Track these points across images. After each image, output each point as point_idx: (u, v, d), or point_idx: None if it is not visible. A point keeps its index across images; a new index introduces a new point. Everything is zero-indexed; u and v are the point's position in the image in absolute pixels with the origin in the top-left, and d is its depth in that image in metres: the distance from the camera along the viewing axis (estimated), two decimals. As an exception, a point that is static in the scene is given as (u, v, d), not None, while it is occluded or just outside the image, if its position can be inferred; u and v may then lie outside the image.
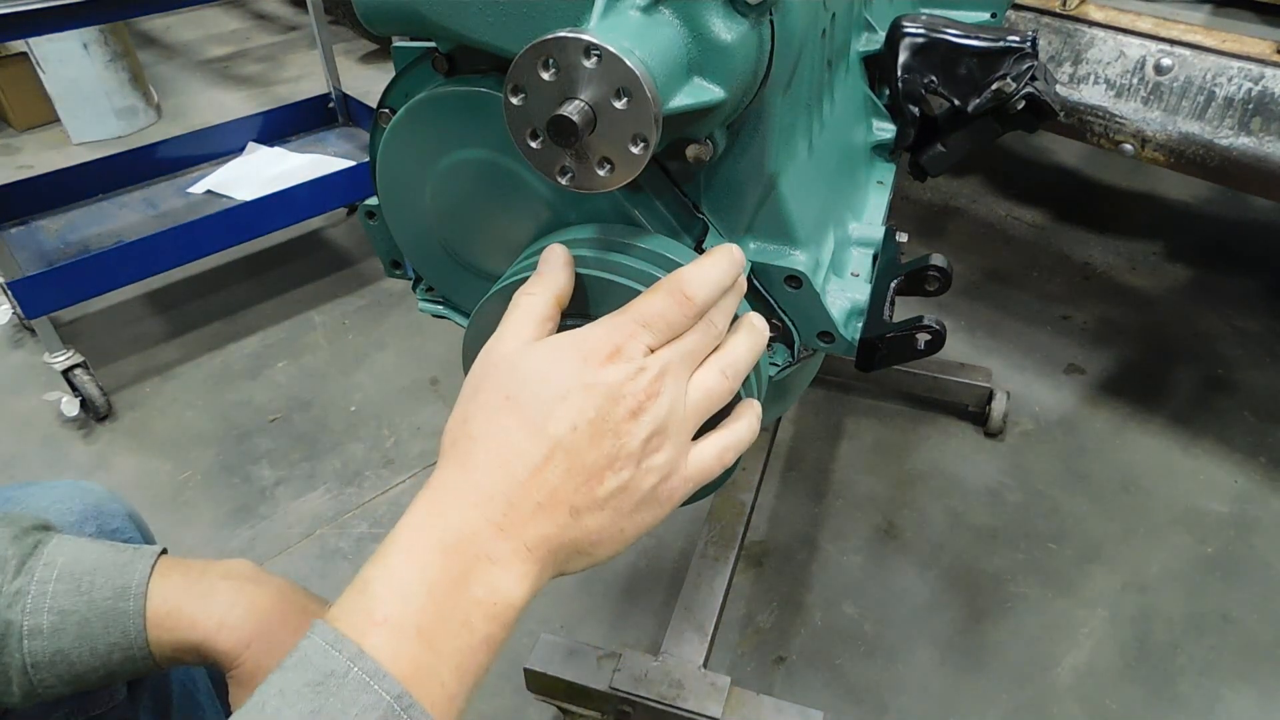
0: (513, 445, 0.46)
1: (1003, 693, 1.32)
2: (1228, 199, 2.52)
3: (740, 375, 0.53)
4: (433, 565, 0.43)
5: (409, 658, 0.41)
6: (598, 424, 0.46)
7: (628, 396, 0.47)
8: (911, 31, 0.87)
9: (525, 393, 0.47)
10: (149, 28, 4.03)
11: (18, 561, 0.55)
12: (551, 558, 0.47)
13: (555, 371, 0.47)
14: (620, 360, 0.48)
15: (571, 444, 0.46)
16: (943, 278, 0.74)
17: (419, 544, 0.44)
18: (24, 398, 1.89)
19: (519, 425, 0.46)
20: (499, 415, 0.47)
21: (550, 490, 0.46)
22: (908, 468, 1.69)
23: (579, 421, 0.46)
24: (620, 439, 0.47)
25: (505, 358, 0.49)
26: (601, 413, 0.46)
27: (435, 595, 0.43)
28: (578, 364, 0.47)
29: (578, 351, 0.48)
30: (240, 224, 1.96)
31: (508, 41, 0.55)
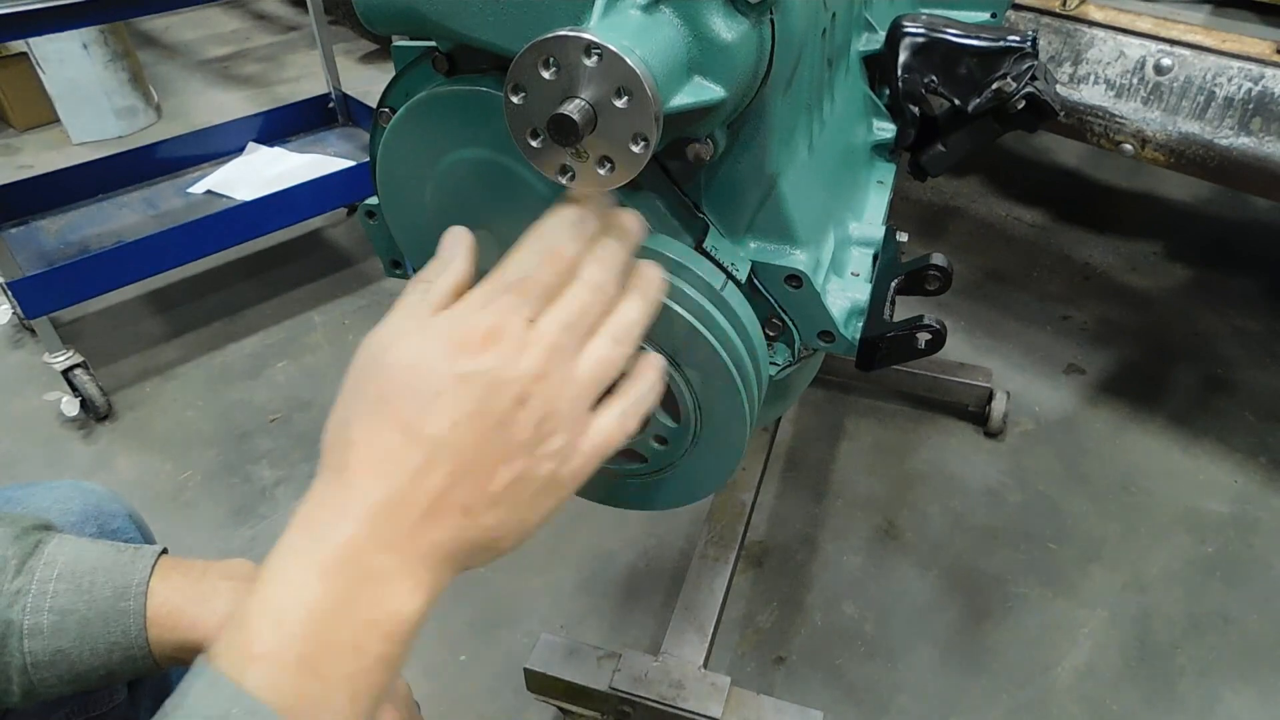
0: (390, 451, 0.42)
1: (1003, 693, 1.32)
2: (1228, 199, 2.52)
3: (634, 338, 0.49)
4: (310, 589, 0.40)
5: (292, 690, 0.39)
6: (481, 417, 0.43)
7: (511, 382, 0.43)
8: (912, 31, 0.87)
9: (398, 391, 0.43)
10: (149, 28, 4.02)
11: (18, 561, 0.55)
12: (449, 561, 0.44)
13: (427, 364, 0.43)
14: (499, 342, 0.44)
15: (454, 442, 0.43)
16: (943, 277, 0.74)
17: (295, 568, 0.41)
18: (24, 398, 1.89)
19: (396, 428, 0.43)
20: (374, 418, 0.43)
21: (437, 495, 0.43)
22: (908, 468, 1.69)
23: (458, 417, 0.43)
24: (508, 429, 0.43)
25: (380, 352, 0.45)
26: (483, 405, 0.43)
27: (317, 621, 0.40)
28: (451, 352, 0.43)
29: (450, 338, 0.44)
30: (240, 224, 1.96)
31: (508, 40, 0.55)
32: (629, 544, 1.54)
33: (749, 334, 0.64)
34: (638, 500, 0.75)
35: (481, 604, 1.44)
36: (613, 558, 1.52)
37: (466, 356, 0.43)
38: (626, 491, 0.75)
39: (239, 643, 0.40)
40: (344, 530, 0.42)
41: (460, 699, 1.30)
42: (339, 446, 0.44)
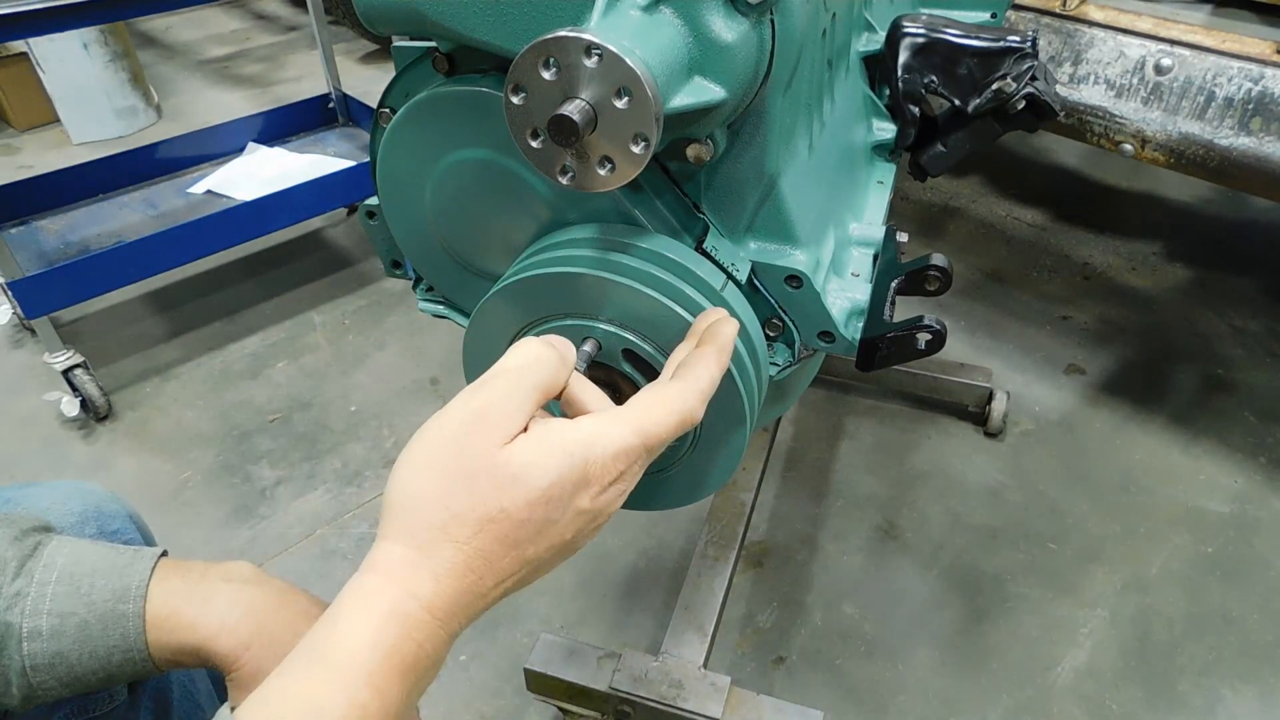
0: (494, 562, 0.44)
1: (1003, 693, 1.32)
2: (1228, 199, 2.52)
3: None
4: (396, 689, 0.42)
5: None
6: (571, 544, 0.47)
7: (603, 517, 0.48)
8: (912, 31, 0.87)
9: (521, 513, 0.44)
10: (149, 28, 4.02)
11: (17, 563, 0.55)
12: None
13: (558, 494, 0.45)
14: (620, 483, 0.47)
15: (541, 561, 0.46)
16: (943, 277, 0.74)
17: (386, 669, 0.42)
18: (24, 398, 1.89)
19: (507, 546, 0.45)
20: (489, 526, 0.44)
21: (503, 594, 0.46)
22: (908, 468, 1.69)
23: (557, 543, 0.46)
24: (576, 543, 0.48)
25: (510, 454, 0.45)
26: (579, 532, 0.47)
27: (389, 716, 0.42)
28: (580, 487, 0.46)
29: (586, 473, 0.46)
30: (240, 224, 1.96)
31: (508, 41, 0.55)
32: (629, 544, 1.54)
33: (749, 334, 0.64)
34: (637, 501, 0.75)
35: (481, 604, 1.44)
36: (613, 558, 1.52)
37: (587, 496, 0.46)
38: (626, 492, 0.75)
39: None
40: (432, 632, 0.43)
41: (460, 699, 1.30)
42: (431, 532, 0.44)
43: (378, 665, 0.41)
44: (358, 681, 0.41)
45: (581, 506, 0.46)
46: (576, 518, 0.46)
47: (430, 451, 0.45)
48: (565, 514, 0.46)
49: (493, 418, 0.45)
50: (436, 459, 0.45)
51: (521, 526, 0.44)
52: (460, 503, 0.44)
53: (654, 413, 0.48)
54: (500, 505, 0.44)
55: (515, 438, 0.45)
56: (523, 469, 0.44)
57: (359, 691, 0.40)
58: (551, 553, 0.46)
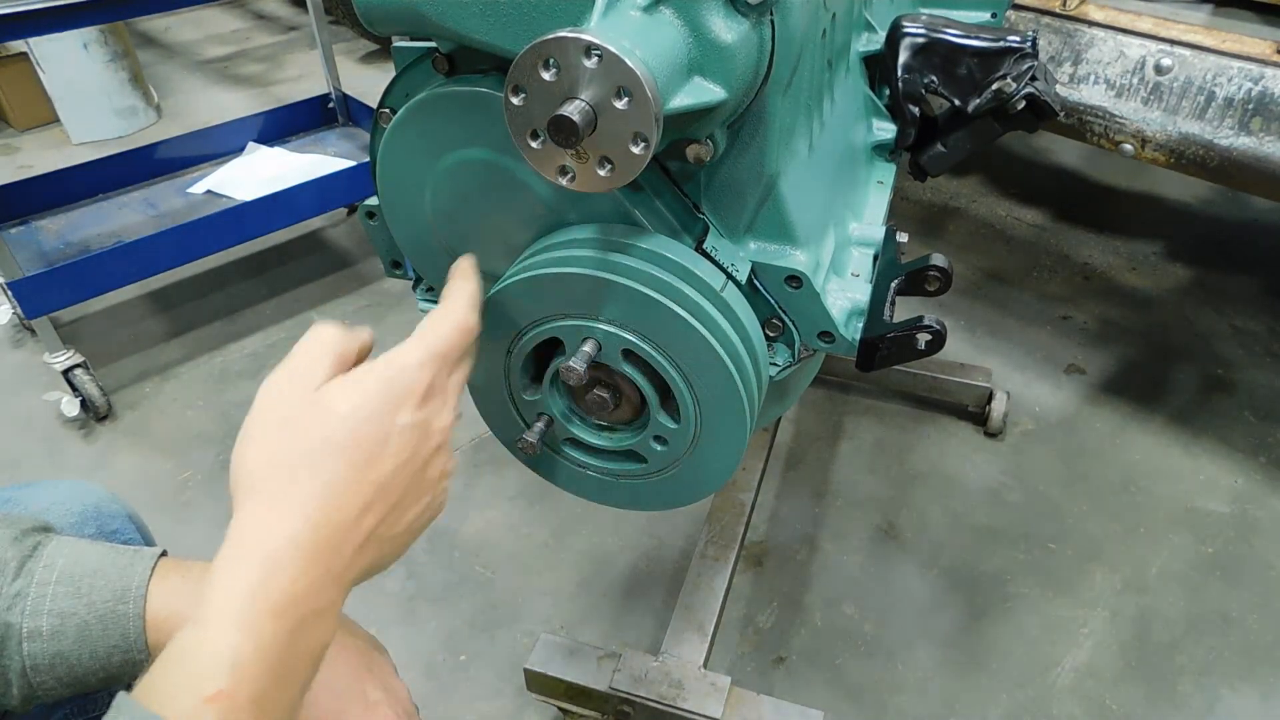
0: (337, 490, 0.46)
1: (1003, 693, 1.32)
2: (1228, 199, 2.52)
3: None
4: (266, 630, 0.42)
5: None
6: (413, 462, 0.49)
7: (436, 433, 0.50)
8: (912, 31, 0.87)
9: (346, 435, 0.47)
10: (149, 28, 4.02)
11: (17, 563, 0.55)
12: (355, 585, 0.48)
13: (376, 413, 0.48)
14: (433, 398, 0.50)
15: (390, 485, 0.48)
16: (943, 278, 0.74)
17: (252, 610, 0.42)
18: (24, 398, 1.89)
19: (344, 470, 0.46)
20: (323, 457, 0.46)
21: (369, 531, 0.47)
22: (908, 468, 1.69)
23: (398, 463, 0.48)
24: (428, 471, 0.50)
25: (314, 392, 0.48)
26: (415, 451, 0.49)
27: (269, 661, 0.42)
28: (395, 403, 0.48)
29: (395, 390, 0.49)
30: (240, 224, 1.95)
31: (508, 41, 0.55)
32: (629, 544, 1.54)
33: (749, 335, 0.64)
34: (638, 500, 0.75)
35: (481, 604, 1.44)
36: (613, 558, 1.52)
37: (409, 408, 0.49)
38: (627, 492, 0.75)
39: (190, 686, 0.40)
40: (299, 566, 0.44)
41: (460, 699, 1.30)
42: (274, 480, 0.46)
43: (244, 607, 0.42)
44: (227, 626, 0.41)
45: (405, 421, 0.48)
46: (407, 432, 0.48)
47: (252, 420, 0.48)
48: (391, 430, 0.48)
49: (296, 373, 0.49)
50: (258, 423, 0.48)
51: (353, 449, 0.46)
52: (287, 446, 0.46)
53: (433, 326, 0.53)
54: (323, 435, 0.46)
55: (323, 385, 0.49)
56: (333, 400, 0.48)
57: (227, 634, 0.41)
58: (402, 476, 0.48)
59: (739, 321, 0.63)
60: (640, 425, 0.70)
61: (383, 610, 1.43)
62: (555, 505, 1.57)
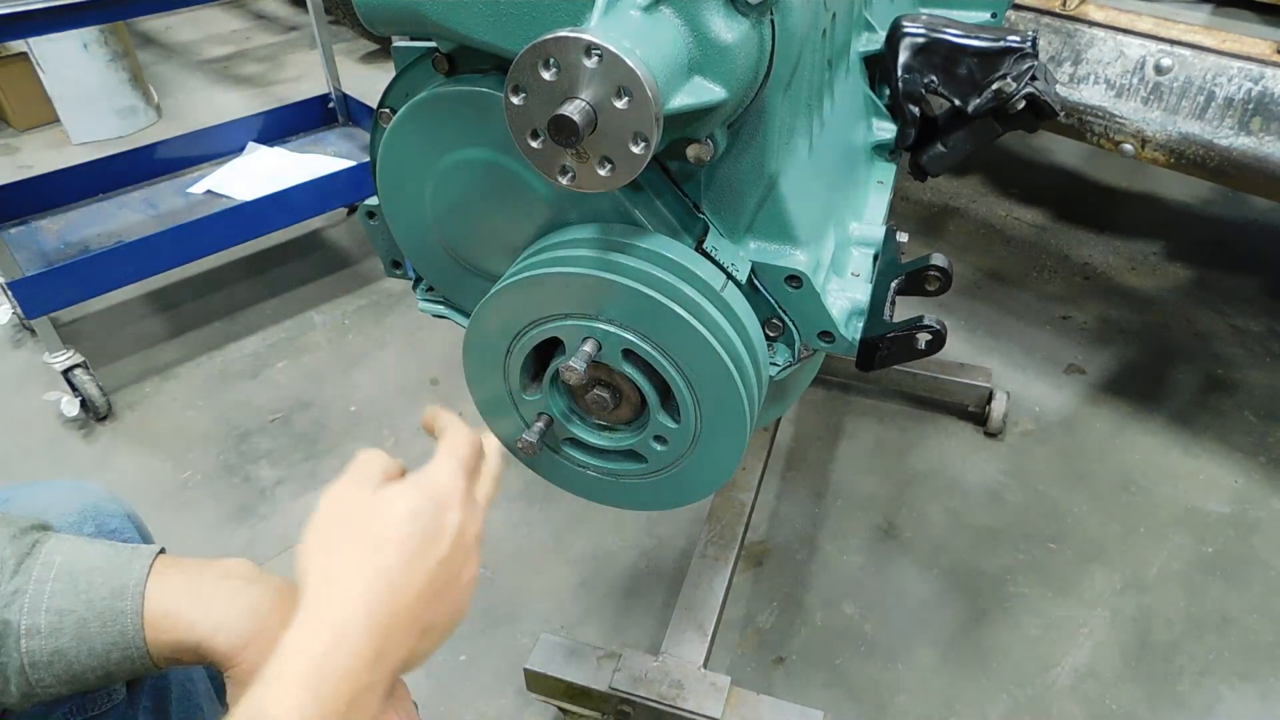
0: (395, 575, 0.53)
1: (1003, 693, 1.32)
2: (1228, 199, 2.52)
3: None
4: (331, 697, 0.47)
5: None
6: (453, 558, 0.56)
7: (470, 536, 0.58)
8: (912, 31, 0.87)
9: (400, 530, 0.54)
10: (149, 28, 4.02)
11: (15, 561, 0.55)
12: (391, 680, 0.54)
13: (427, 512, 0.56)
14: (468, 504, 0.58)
15: (437, 576, 0.55)
16: (943, 278, 0.74)
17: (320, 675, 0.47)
18: (24, 398, 1.89)
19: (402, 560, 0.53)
20: (381, 548, 0.53)
21: (416, 614, 0.53)
22: (908, 468, 1.69)
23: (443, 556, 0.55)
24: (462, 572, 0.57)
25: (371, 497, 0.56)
26: (455, 547, 0.56)
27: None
28: (443, 505, 0.56)
29: (440, 494, 0.57)
30: (240, 224, 1.96)
31: (508, 41, 0.55)
32: (629, 544, 1.54)
33: (749, 335, 0.64)
34: (638, 500, 0.75)
35: (482, 604, 1.44)
36: (613, 558, 1.52)
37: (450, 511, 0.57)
38: (627, 492, 0.75)
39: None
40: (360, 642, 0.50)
41: (460, 699, 1.30)
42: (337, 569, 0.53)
43: (311, 673, 0.47)
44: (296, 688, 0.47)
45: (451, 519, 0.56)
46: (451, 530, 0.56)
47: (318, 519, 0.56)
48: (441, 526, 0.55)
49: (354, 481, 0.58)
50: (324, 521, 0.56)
51: (408, 541, 0.54)
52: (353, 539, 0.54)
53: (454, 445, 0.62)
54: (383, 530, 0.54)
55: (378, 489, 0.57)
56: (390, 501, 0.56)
57: (298, 694, 0.46)
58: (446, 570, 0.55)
59: (739, 321, 0.63)
60: (640, 425, 0.70)
61: (383, 610, 1.43)
62: (555, 505, 1.57)
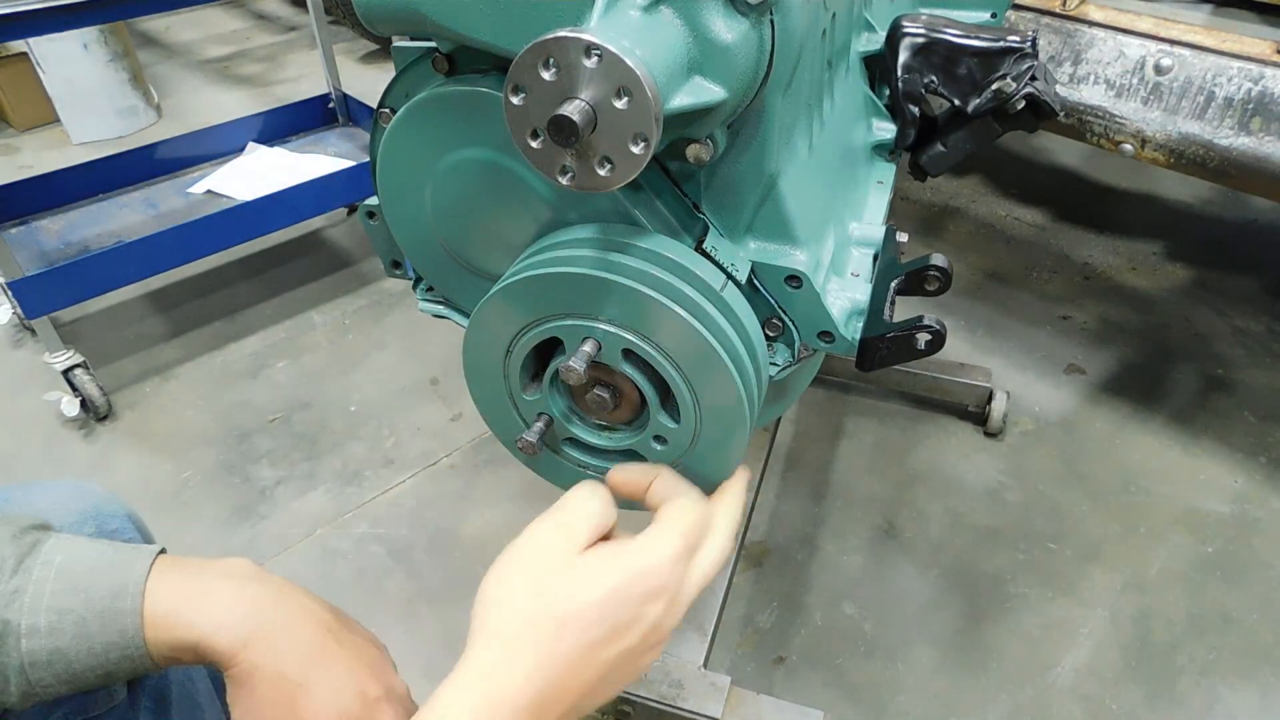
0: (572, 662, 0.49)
1: (1003, 693, 1.32)
2: (1228, 199, 2.52)
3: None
4: None
5: None
6: (636, 651, 0.52)
7: (664, 632, 0.53)
8: (911, 31, 0.87)
9: (595, 614, 0.50)
10: (149, 28, 4.02)
11: (15, 560, 0.55)
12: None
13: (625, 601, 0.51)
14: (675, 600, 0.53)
15: (611, 669, 0.51)
16: (943, 278, 0.74)
17: None
18: (24, 398, 1.89)
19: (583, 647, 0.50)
20: (568, 629, 0.50)
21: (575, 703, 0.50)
22: (908, 468, 1.69)
23: (626, 651, 0.51)
24: (642, 661, 0.53)
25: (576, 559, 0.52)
26: (644, 642, 0.52)
27: None
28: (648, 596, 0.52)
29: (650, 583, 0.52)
30: (240, 224, 1.96)
31: (508, 41, 0.55)
32: (629, 544, 1.54)
33: (749, 334, 0.64)
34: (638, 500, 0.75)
35: (481, 604, 1.44)
36: (613, 558, 1.52)
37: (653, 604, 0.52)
38: (626, 492, 0.75)
39: None
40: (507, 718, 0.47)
41: None
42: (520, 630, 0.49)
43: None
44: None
45: (650, 614, 0.52)
46: (645, 625, 0.51)
47: (512, 560, 0.52)
48: (636, 619, 0.51)
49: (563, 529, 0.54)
50: (518, 566, 0.52)
51: (596, 628, 0.50)
52: (539, 603, 0.50)
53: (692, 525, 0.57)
54: (575, 606, 0.50)
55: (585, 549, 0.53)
56: (594, 573, 0.51)
57: None
58: (623, 662, 0.51)
59: (739, 321, 0.63)
60: (640, 425, 0.70)
61: (383, 610, 1.43)
62: (555, 505, 1.57)
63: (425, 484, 1.67)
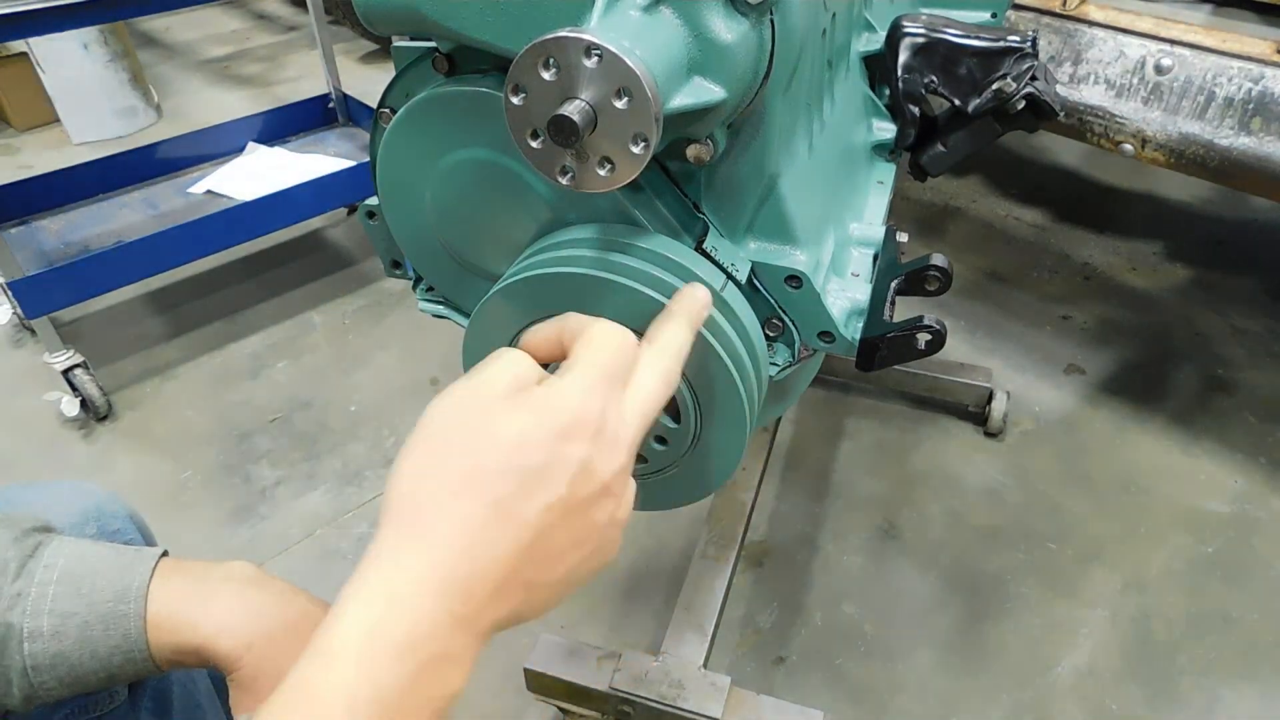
0: (476, 525, 0.42)
1: (1003, 693, 1.32)
2: (1228, 199, 2.52)
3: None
4: (386, 671, 0.40)
5: None
6: (570, 502, 0.44)
7: (601, 473, 0.45)
8: (912, 31, 0.87)
9: (497, 464, 0.43)
10: (149, 28, 4.02)
11: (18, 563, 0.55)
12: (493, 633, 0.45)
13: (533, 443, 0.43)
14: (599, 436, 0.45)
15: (541, 525, 0.43)
16: (943, 278, 0.74)
17: (371, 648, 0.40)
18: (24, 398, 1.89)
19: (489, 504, 0.42)
20: (467, 487, 0.43)
21: (511, 572, 0.43)
22: (908, 468, 1.69)
23: (552, 500, 0.43)
24: (588, 515, 0.45)
25: (478, 414, 0.44)
26: (575, 491, 0.44)
27: (387, 704, 0.39)
28: (557, 438, 0.43)
29: (557, 421, 0.44)
30: (240, 224, 1.96)
31: (508, 41, 0.55)
32: (629, 544, 1.54)
33: (749, 334, 0.64)
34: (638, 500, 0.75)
35: (481, 604, 1.44)
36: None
37: (571, 443, 0.44)
38: (627, 492, 0.75)
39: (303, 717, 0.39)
40: (421, 605, 0.41)
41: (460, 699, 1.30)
42: (414, 508, 0.43)
43: (363, 645, 0.40)
44: (345, 663, 0.39)
45: (569, 454, 0.43)
46: (567, 468, 0.43)
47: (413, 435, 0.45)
48: (551, 462, 0.43)
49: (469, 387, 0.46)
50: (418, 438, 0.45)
51: (502, 481, 0.42)
52: (436, 470, 0.43)
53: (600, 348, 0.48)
54: (474, 462, 0.43)
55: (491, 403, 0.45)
56: (496, 422, 0.44)
57: (345, 672, 0.39)
58: (555, 517, 0.43)
59: (739, 321, 0.63)
60: (640, 425, 0.70)
61: (383, 610, 1.43)
62: (555, 505, 1.57)
63: (425, 484, 1.67)
